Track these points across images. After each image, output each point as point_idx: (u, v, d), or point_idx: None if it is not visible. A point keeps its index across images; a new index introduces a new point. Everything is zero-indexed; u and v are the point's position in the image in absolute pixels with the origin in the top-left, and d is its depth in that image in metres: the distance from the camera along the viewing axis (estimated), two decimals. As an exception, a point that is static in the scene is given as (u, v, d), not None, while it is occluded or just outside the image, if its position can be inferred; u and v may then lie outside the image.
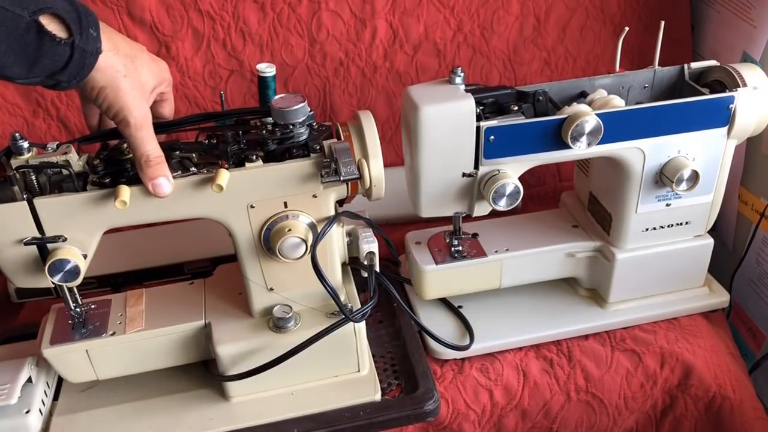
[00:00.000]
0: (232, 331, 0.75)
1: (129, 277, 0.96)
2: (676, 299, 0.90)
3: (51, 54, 0.54)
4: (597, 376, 0.84)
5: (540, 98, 0.75)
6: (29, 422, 0.72)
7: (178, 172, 0.66)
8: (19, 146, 0.64)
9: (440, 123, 0.72)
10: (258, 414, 0.75)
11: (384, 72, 1.07)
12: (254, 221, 0.70)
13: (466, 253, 0.86)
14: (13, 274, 0.68)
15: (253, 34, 1.02)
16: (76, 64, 0.56)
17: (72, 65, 0.56)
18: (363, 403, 0.76)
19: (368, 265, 0.74)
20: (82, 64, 0.56)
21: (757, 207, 0.98)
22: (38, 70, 0.55)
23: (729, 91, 0.77)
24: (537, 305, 0.90)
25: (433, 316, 0.89)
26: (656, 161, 0.79)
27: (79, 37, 0.55)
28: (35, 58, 0.54)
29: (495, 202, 0.76)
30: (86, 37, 0.56)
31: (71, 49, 0.55)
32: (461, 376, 0.83)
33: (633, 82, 0.82)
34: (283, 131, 0.67)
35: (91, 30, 0.56)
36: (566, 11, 1.08)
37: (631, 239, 0.85)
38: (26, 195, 0.63)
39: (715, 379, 0.84)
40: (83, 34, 0.55)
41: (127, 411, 0.77)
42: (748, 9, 0.95)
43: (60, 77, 0.56)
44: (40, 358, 0.74)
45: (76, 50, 0.55)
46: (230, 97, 1.06)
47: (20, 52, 0.53)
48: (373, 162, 0.68)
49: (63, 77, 0.56)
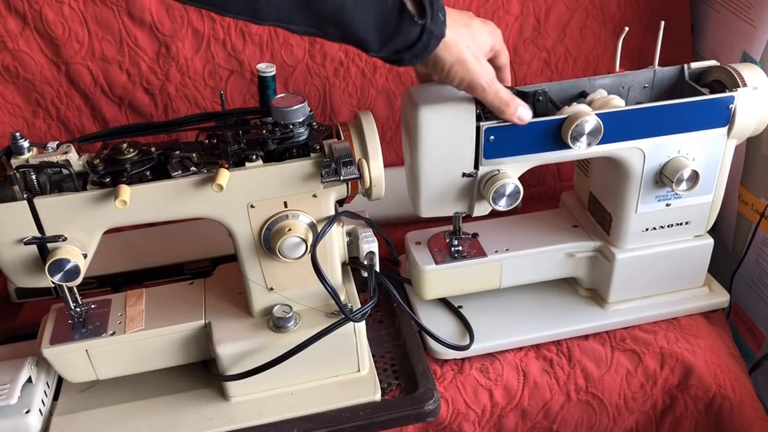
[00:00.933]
0: (232, 331, 0.75)
1: (129, 277, 0.96)
2: (676, 299, 0.90)
3: (405, 33, 0.59)
4: (597, 376, 0.84)
5: (540, 98, 0.75)
6: (29, 422, 0.72)
7: (178, 172, 0.66)
8: (19, 146, 0.64)
9: (440, 123, 0.72)
10: (258, 414, 0.75)
11: (384, 72, 1.07)
12: (254, 221, 0.70)
13: (466, 253, 0.86)
14: (13, 273, 0.68)
15: (253, 34, 1.02)
16: (422, 45, 0.60)
17: (418, 45, 0.60)
18: (363, 403, 0.76)
19: (368, 265, 0.74)
20: (426, 45, 0.60)
21: (757, 207, 0.98)
22: (390, 46, 0.60)
23: (729, 91, 0.77)
24: (537, 305, 0.90)
25: (433, 316, 0.89)
26: (656, 161, 0.79)
27: (430, 19, 0.59)
28: (392, 34, 0.59)
29: (495, 202, 0.76)
30: (436, 20, 0.60)
31: (422, 30, 0.59)
32: (461, 376, 0.83)
33: (633, 82, 0.82)
34: (283, 131, 0.67)
35: (440, 14, 0.60)
36: (566, 11, 1.08)
37: (631, 239, 0.85)
38: (26, 194, 0.63)
39: (715, 379, 0.84)
40: (434, 17, 0.59)
41: (127, 411, 0.77)
42: (748, 9, 0.95)
43: (404, 54, 0.61)
44: (40, 358, 0.74)
45: (425, 32, 0.59)
46: (230, 97, 1.06)
47: (382, 27, 0.58)
48: (373, 162, 0.68)
49: (407, 55, 0.61)
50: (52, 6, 0.96)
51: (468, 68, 0.65)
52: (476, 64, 0.65)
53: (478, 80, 0.66)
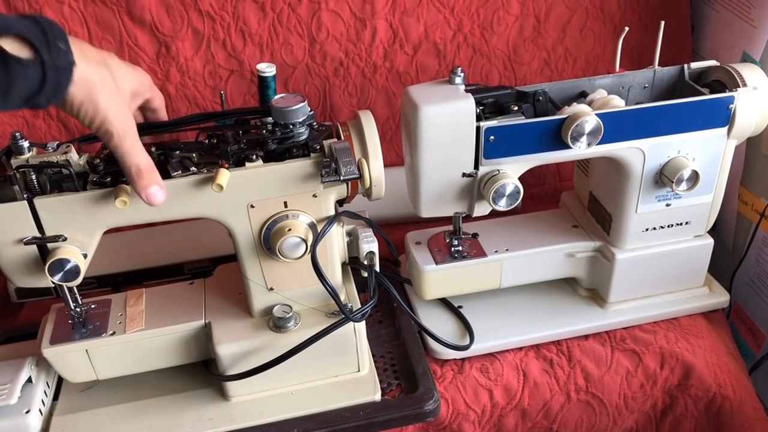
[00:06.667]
0: (232, 331, 0.75)
1: (129, 277, 0.96)
2: (676, 299, 0.90)
3: (22, 78, 0.51)
4: (597, 376, 0.84)
5: (540, 98, 0.75)
6: (29, 422, 0.72)
7: (178, 172, 0.66)
8: (19, 146, 0.64)
9: (440, 123, 0.72)
10: (258, 414, 0.75)
11: (384, 72, 1.07)
12: (254, 221, 0.70)
13: (466, 253, 0.86)
14: (13, 273, 0.68)
15: (253, 34, 1.02)
16: (51, 83, 0.52)
17: (48, 85, 0.52)
18: (363, 403, 0.76)
19: (368, 265, 0.74)
20: (57, 81, 0.53)
21: (757, 207, 0.98)
22: (14, 97, 0.52)
23: (729, 91, 0.77)
24: (537, 305, 0.90)
25: (433, 316, 0.89)
26: (656, 161, 0.79)
27: (47, 54, 0.51)
28: (7, 85, 0.51)
29: (495, 202, 0.76)
30: (56, 52, 0.52)
31: (42, 68, 0.51)
32: (461, 376, 0.83)
33: (633, 82, 0.82)
34: (283, 131, 0.67)
35: (60, 43, 0.52)
36: (566, 11, 1.08)
37: (631, 239, 0.85)
38: (26, 194, 0.63)
39: (715, 379, 0.84)
40: (52, 50, 0.52)
41: (127, 411, 0.77)
42: (748, 9, 0.95)
43: (38, 100, 0.53)
44: (40, 358, 0.74)
45: (48, 69, 0.52)
46: (230, 97, 1.06)
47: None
48: (373, 162, 0.68)
49: (41, 99, 0.53)
50: (52, 6, 0.96)
51: (99, 108, 0.56)
52: (110, 106, 0.56)
53: (109, 125, 0.57)
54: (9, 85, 0.51)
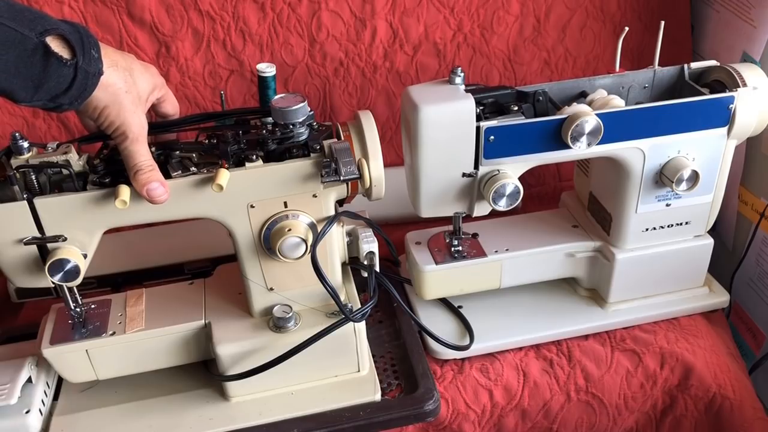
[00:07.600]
0: (232, 331, 0.75)
1: (129, 277, 0.96)
2: (676, 299, 0.90)
3: (56, 76, 0.55)
4: (597, 376, 0.84)
5: (540, 98, 0.75)
6: (29, 422, 0.72)
7: (178, 172, 0.66)
8: (19, 146, 0.64)
9: (440, 123, 0.72)
10: (258, 414, 0.75)
11: (384, 72, 1.07)
12: (254, 221, 0.70)
13: (466, 253, 0.86)
14: (13, 273, 0.68)
15: (253, 34, 1.02)
16: (78, 86, 0.56)
17: (75, 87, 0.56)
18: (363, 403, 0.76)
19: (368, 265, 0.74)
20: (84, 85, 0.56)
21: (757, 207, 0.98)
22: (42, 93, 0.55)
23: (729, 91, 0.77)
24: (537, 305, 0.90)
25: (433, 316, 0.89)
26: (656, 161, 0.79)
27: (82, 58, 0.55)
28: (41, 80, 0.54)
29: (495, 202, 0.76)
30: (89, 58, 0.56)
31: (75, 70, 0.55)
32: (461, 376, 0.83)
33: (633, 82, 0.82)
34: (283, 131, 0.67)
35: (93, 51, 0.57)
36: (566, 11, 1.08)
37: (631, 239, 0.85)
38: (26, 195, 0.63)
39: (715, 379, 0.84)
40: (86, 55, 0.56)
41: (127, 411, 0.77)
42: (748, 9, 0.95)
43: (62, 100, 0.56)
44: (40, 358, 0.74)
45: (80, 72, 0.55)
46: (230, 97, 1.06)
47: (26, 74, 0.54)
48: (373, 162, 0.68)
49: (65, 99, 0.57)
50: (52, 6, 0.96)
51: (121, 113, 0.60)
52: (130, 111, 0.61)
53: (126, 128, 0.61)
54: (43, 81, 0.54)
